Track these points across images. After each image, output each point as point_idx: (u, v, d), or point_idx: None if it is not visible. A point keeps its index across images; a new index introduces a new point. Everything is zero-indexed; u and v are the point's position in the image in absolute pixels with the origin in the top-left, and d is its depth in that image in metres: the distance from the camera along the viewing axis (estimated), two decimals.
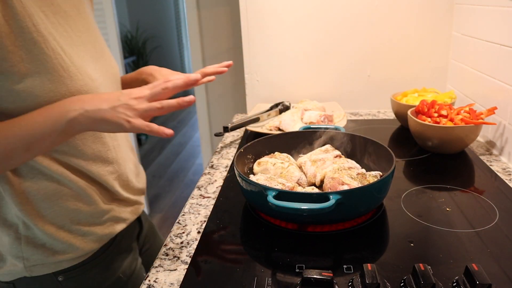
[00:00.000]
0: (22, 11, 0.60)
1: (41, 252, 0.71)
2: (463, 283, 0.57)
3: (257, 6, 1.48)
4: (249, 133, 1.31)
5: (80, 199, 0.73)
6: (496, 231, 0.72)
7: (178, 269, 0.68)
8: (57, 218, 0.71)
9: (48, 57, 0.63)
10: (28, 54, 0.61)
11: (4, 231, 0.71)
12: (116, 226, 0.80)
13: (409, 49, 1.47)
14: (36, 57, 0.62)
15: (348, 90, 1.55)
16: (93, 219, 0.76)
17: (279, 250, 0.70)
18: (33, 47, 0.61)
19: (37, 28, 0.62)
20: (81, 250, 0.74)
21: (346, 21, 1.46)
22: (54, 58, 0.64)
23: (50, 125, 0.61)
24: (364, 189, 0.72)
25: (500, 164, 1.02)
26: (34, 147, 0.62)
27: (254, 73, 1.57)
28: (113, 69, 0.82)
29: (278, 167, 0.86)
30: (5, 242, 0.71)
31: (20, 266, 0.72)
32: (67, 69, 0.65)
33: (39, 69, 0.62)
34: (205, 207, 0.88)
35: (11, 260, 0.72)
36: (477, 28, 1.22)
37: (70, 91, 0.66)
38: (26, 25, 0.61)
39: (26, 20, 0.61)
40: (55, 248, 0.72)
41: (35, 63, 0.62)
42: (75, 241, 0.73)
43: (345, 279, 0.61)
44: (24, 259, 0.71)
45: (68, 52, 0.67)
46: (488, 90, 1.15)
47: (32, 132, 0.61)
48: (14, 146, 0.61)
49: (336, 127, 1.01)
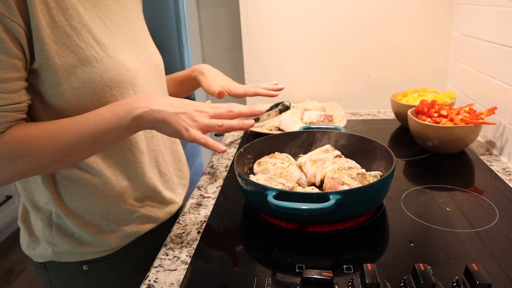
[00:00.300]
0: (56, 6, 0.63)
1: (69, 241, 0.74)
2: (463, 283, 0.57)
3: (257, 6, 1.48)
4: (249, 133, 1.31)
5: (111, 195, 0.74)
6: (496, 231, 0.72)
7: (178, 269, 0.68)
8: (87, 211, 0.73)
9: (81, 49, 0.66)
10: (62, 47, 0.64)
11: (39, 216, 0.74)
12: (145, 225, 0.81)
13: (409, 49, 1.47)
14: (70, 50, 0.65)
15: (348, 90, 1.54)
16: (123, 216, 0.77)
17: (279, 250, 0.70)
18: (66, 40, 0.64)
19: (70, 22, 0.65)
20: (108, 245, 0.76)
21: (346, 21, 1.46)
22: (87, 50, 0.66)
23: (116, 120, 0.64)
24: (364, 189, 0.72)
25: (500, 164, 1.02)
26: (100, 141, 0.65)
27: (254, 73, 1.57)
28: (155, 61, 0.84)
29: (278, 167, 0.86)
30: (39, 226, 0.75)
31: (49, 251, 0.75)
32: (100, 60, 0.68)
33: (73, 61, 0.65)
34: (205, 207, 0.88)
35: (43, 244, 0.75)
36: (477, 28, 1.22)
37: (104, 81, 0.68)
38: (59, 19, 0.64)
39: (59, 15, 0.64)
40: (82, 239, 0.74)
41: (69, 56, 0.65)
42: (103, 236, 0.75)
43: (345, 279, 0.61)
44: (54, 245, 0.75)
45: (104, 43, 0.69)
46: (488, 90, 1.15)
47: (99, 127, 0.64)
48: (82, 141, 0.64)
49: (336, 127, 1.01)
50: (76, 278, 0.78)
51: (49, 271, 0.79)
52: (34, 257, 0.79)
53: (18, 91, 0.62)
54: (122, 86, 0.72)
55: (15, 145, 0.61)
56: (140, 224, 0.79)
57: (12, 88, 0.61)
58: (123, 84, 0.72)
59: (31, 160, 0.63)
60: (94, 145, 0.65)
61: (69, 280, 0.79)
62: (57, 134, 0.63)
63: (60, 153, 0.64)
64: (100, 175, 0.73)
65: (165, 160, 0.86)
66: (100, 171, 0.73)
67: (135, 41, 0.78)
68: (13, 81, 0.61)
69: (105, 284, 0.79)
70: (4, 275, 2.27)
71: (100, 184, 0.73)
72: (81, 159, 0.69)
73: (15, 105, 0.62)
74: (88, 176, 0.72)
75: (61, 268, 0.77)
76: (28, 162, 0.63)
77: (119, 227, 0.77)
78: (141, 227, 0.79)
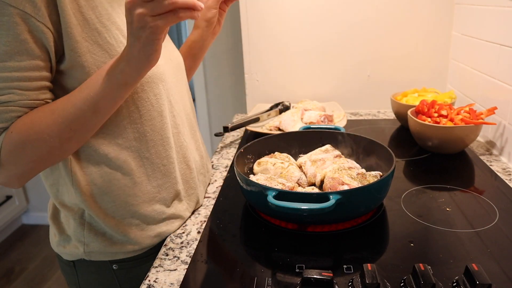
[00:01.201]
0: (86, 4, 0.64)
1: (100, 240, 0.74)
2: (463, 283, 0.57)
3: (257, 6, 1.48)
4: (249, 133, 1.31)
5: (141, 195, 0.74)
6: (496, 231, 0.72)
7: (178, 269, 0.68)
8: (117, 212, 0.73)
9: (112, 46, 0.67)
10: (93, 45, 0.65)
11: (71, 215, 0.74)
12: (175, 223, 0.80)
13: (409, 49, 1.47)
14: (101, 47, 0.66)
15: (348, 90, 1.54)
16: (153, 216, 0.77)
17: (279, 250, 0.70)
18: (98, 37, 0.65)
19: (100, 19, 0.66)
20: (138, 245, 0.76)
21: (346, 21, 1.46)
22: (117, 46, 0.67)
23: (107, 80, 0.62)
24: (364, 189, 0.72)
25: (500, 164, 1.02)
26: (100, 107, 0.63)
27: (254, 73, 1.57)
28: (176, 59, 0.85)
29: (278, 167, 0.86)
30: (71, 225, 0.75)
31: (81, 250, 0.75)
32: None
33: (104, 58, 0.66)
34: (205, 207, 0.88)
35: (74, 242, 0.75)
36: (477, 28, 1.22)
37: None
38: (90, 17, 0.65)
39: (90, 13, 0.65)
40: (113, 239, 0.74)
41: (100, 53, 0.65)
42: (134, 235, 0.75)
43: (345, 279, 0.61)
44: (85, 244, 0.74)
45: None
46: (488, 90, 1.15)
47: (94, 92, 0.62)
48: (83, 110, 0.62)
49: (336, 127, 1.01)
50: (104, 277, 0.78)
51: (78, 269, 0.79)
52: (64, 255, 0.78)
53: (37, 89, 0.62)
54: (152, 81, 0.72)
55: (21, 133, 0.61)
56: (170, 223, 0.79)
57: (31, 86, 0.61)
58: (153, 79, 0.73)
59: (39, 145, 0.62)
60: (96, 113, 0.64)
61: (98, 278, 0.79)
62: (58, 111, 0.62)
63: (65, 130, 0.63)
64: (131, 175, 0.73)
65: (192, 156, 0.86)
66: (131, 171, 0.72)
67: None
68: (33, 81, 0.61)
69: (133, 283, 0.79)
70: (4, 275, 2.27)
71: (131, 184, 0.73)
72: (88, 133, 0.67)
73: (29, 101, 0.62)
74: (119, 176, 0.72)
75: (91, 267, 0.77)
76: (37, 147, 0.62)
77: (149, 226, 0.76)
78: (170, 225, 0.79)
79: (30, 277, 2.24)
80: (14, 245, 2.55)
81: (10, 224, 2.65)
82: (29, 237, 2.63)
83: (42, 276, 2.24)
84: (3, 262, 2.39)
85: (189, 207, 0.84)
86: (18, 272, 2.29)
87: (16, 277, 2.25)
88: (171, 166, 0.78)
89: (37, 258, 2.41)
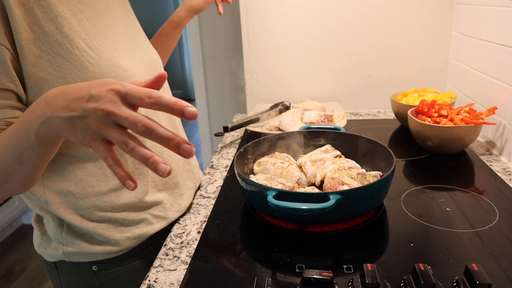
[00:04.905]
0: (44, 16, 0.62)
1: (79, 242, 0.74)
2: (463, 283, 0.57)
3: (257, 6, 1.48)
4: (249, 133, 1.31)
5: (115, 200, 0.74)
6: (496, 231, 0.72)
7: (178, 269, 0.68)
8: (95, 215, 0.73)
9: (75, 56, 0.64)
10: (56, 57, 0.63)
11: (50, 216, 0.74)
12: (155, 225, 0.80)
13: (409, 49, 1.47)
14: (64, 58, 0.63)
15: (348, 90, 1.54)
16: (133, 217, 0.76)
17: (279, 250, 0.70)
18: (59, 48, 0.63)
19: (61, 30, 0.63)
20: (118, 246, 0.76)
21: (346, 21, 1.46)
22: (81, 56, 0.65)
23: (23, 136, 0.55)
24: (364, 189, 0.72)
25: (500, 164, 1.02)
26: (24, 158, 0.58)
27: (254, 73, 1.57)
28: (150, 57, 0.83)
29: (278, 167, 0.86)
30: (51, 226, 0.75)
31: (60, 251, 0.75)
32: (95, 64, 0.66)
33: (69, 69, 0.64)
34: (205, 207, 0.88)
35: (54, 244, 0.75)
36: (477, 28, 1.22)
37: None
38: (49, 29, 0.62)
39: (49, 24, 0.62)
40: (92, 240, 0.74)
41: (64, 64, 0.63)
42: (113, 237, 0.75)
43: (345, 279, 0.61)
44: (64, 245, 0.74)
45: (97, 47, 0.68)
46: (488, 90, 1.15)
47: (15, 143, 0.56)
48: (8, 160, 0.58)
49: (336, 127, 1.01)
50: (85, 278, 0.78)
51: (60, 270, 0.79)
52: (46, 256, 0.79)
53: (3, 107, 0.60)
54: None
55: None
56: (150, 225, 0.79)
57: None
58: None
59: None
60: (21, 163, 0.58)
61: (79, 280, 0.79)
62: None
63: None
64: (105, 181, 0.72)
65: (170, 156, 0.84)
66: (105, 178, 0.72)
67: (128, 40, 0.78)
68: None
69: (114, 285, 0.79)
70: (4, 275, 2.27)
71: (105, 190, 0.72)
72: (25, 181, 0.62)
73: None
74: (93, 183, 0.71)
75: (71, 268, 0.78)
76: None
77: (128, 228, 0.76)
78: (150, 227, 0.79)
79: (30, 277, 2.24)
80: (14, 245, 2.55)
81: (10, 224, 2.65)
82: (29, 237, 2.63)
83: (42, 276, 2.24)
84: (3, 262, 2.39)
85: (174, 207, 0.83)
86: (18, 272, 2.29)
87: (16, 277, 2.25)
88: (144, 168, 0.76)
89: (37, 258, 2.41)
